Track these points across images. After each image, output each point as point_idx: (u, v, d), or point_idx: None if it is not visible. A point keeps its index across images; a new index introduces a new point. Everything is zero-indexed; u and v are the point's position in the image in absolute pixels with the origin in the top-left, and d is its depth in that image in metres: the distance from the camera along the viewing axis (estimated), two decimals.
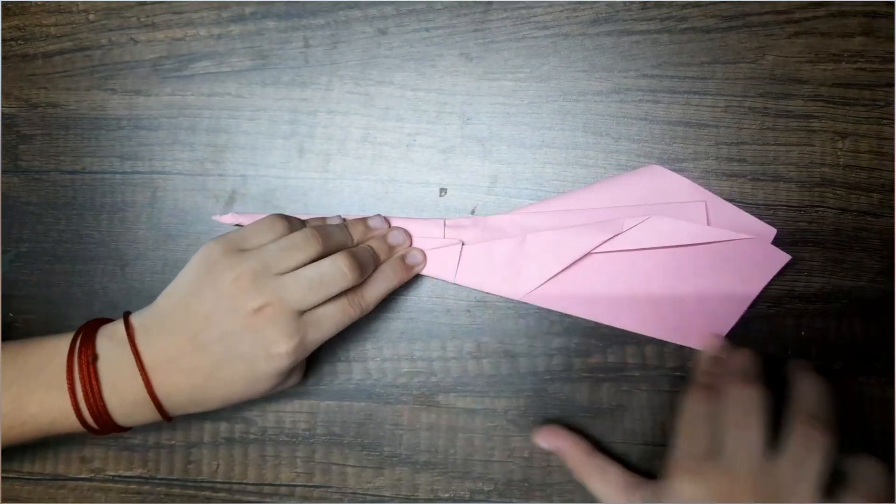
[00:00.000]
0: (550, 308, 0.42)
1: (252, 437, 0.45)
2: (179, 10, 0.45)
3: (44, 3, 0.46)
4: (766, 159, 0.43)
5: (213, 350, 0.36)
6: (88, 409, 0.37)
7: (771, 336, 0.43)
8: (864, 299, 0.42)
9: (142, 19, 0.46)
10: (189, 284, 0.37)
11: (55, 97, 0.46)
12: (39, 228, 0.46)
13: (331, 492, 0.44)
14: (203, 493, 0.45)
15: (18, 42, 0.46)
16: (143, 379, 0.36)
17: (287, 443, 0.45)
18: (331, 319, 0.38)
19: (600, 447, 0.43)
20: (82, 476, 0.46)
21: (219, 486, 0.45)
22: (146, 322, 0.38)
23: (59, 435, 0.38)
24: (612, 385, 0.43)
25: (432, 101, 0.44)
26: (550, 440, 0.41)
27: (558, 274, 0.42)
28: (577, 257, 0.41)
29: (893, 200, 0.42)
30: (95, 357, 0.37)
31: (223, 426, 0.45)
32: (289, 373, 0.38)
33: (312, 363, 0.45)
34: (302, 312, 0.37)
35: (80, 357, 0.37)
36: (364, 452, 0.44)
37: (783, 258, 0.41)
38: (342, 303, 0.38)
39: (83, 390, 0.36)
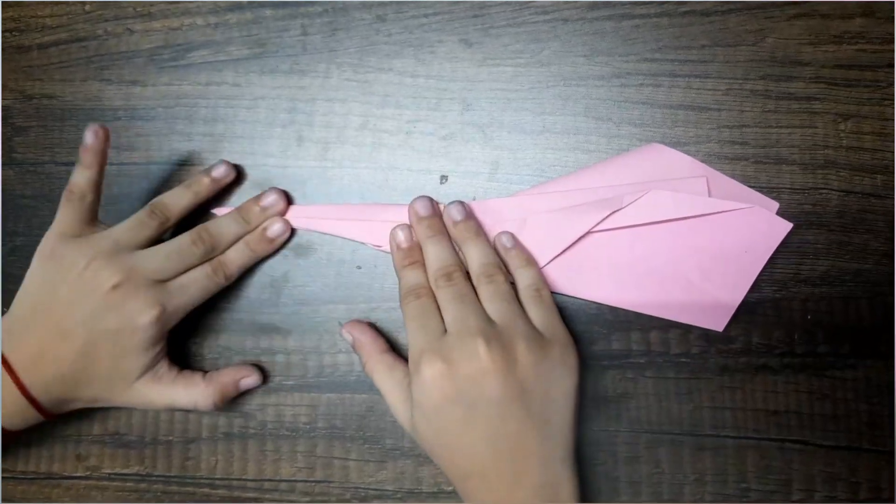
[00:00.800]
0: (553, 291, 0.42)
1: (251, 431, 0.44)
2: None
3: None
4: (769, 142, 0.42)
5: (77, 334, 0.37)
6: None
7: (777, 320, 0.42)
8: (869, 282, 0.42)
9: (138, 9, 0.45)
10: (40, 281, 0.39)
11: (51, 88, 0.46)
12: (35, 221, 0.45)
13: (332, 487, 0.43)
14: (201, 489, 0.44)
15: (14, 33, 0.46)
16: (12, 378, 0.37)
17: (287, 437, 0.44)
18: (195, 286, 0.40)
19: (601, 437, 0.42)
20: (78, 474, 0.45)
21: (217, 482, 0.44)
22: (7, 327, 0.39)
23: None
24: (616, 372, 0.43)
25: (432, 88, 0.44)
26: (352, 332, 0.42)
27: (560, 255, 0.41)
28: (578, 236, 0.41)
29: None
30: None
31: (222, 421, 0.44)
32: (154, 351, 0.39)
33: (311, 354, 0.44)
34: (163, 282, 0.39)
35: None
36: (366, 446, 0.43)
37: (785, 226, 0.41)
38: (205, 269, 0.40)
39: None
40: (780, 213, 0.42)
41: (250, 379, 0.42)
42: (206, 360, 0.44)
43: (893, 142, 0.42)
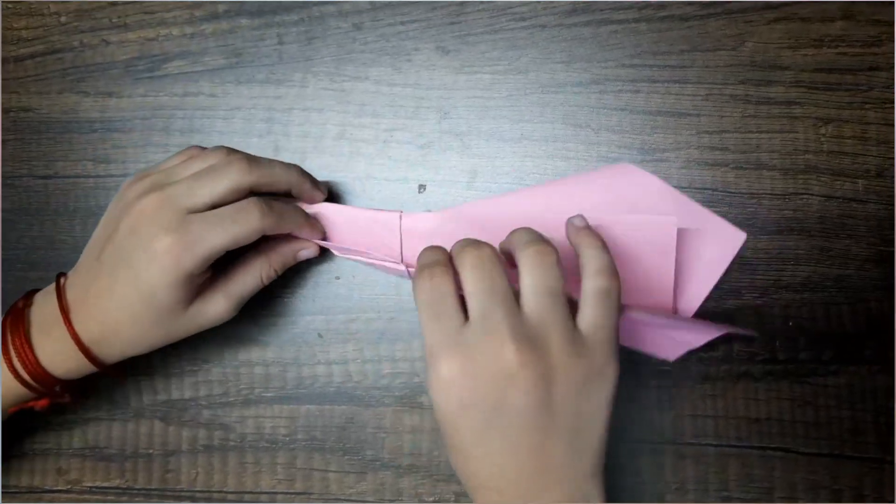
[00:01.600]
0: None
1: (231, 444, 0.44)
2: (151, 9, 0.45)
3: (14, 6, 0.45)
4: (749, 147, 0.42)
5: (109, 263, 0.35)
6: (17, 355, 0.36)
7: (758, 327, 0.42)
8: (851, 287, 0.42)
9: (114, 20, 0.45)
10: (102, 220, 0.38)
11: (27, 101, 0.45)
12: (12, 235, 0.45)
13: (313, 498, 0.43)
14: (182, 502, 0.44)
15: None
16: (60, 306, 0.36)
17: (267, 449, 0.44)
18: (224, 219, 0.35)
19: None
20: (59, 488, 0.44)
21: (198, 495, 0.44)
22: (73, 269, 0.38)
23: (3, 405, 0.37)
24: None
25: (409, 97, 0.44)
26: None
27: None
28: None
29: (878, 186, 0.41)
30: (28, 304, 0.37)
31: (202, 433, 0.44)
32: (192, 290, 0.36)
33: (291, 366, 0.44)
34: (191, 212, 0.35)
35: (13, 309, 0.37)
36: (346, 457, 0.43)
37: (739, 237, 0.39)
38: (240, 203, 0.36)
39: (11, 334, 0.36)
40: (762, 219, 0.42)
41: (308, 251, 0.40)
42: (184, 371, 0.44)
43: (876, 146, 0.42)
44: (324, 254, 0.43)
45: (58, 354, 0.36)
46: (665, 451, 0.42)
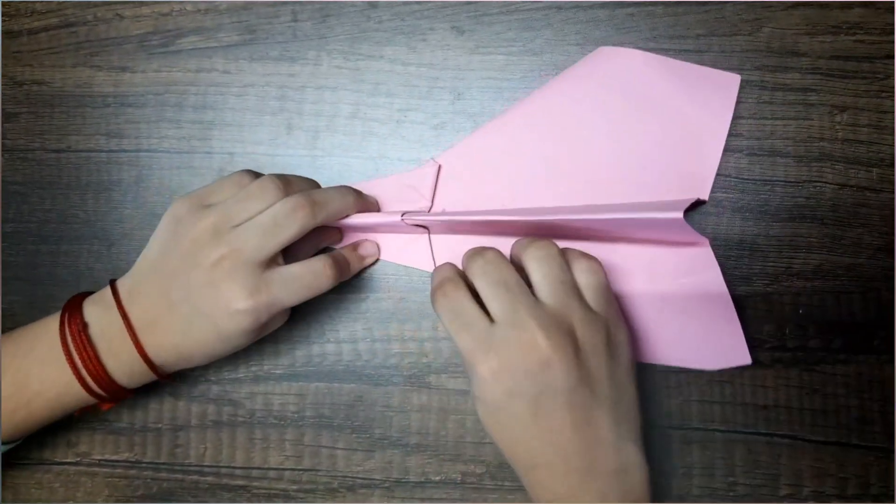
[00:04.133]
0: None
1: (240, 419, 0.44)
2: None
3: None
4: (763, 134, 0.42)
5: (182, 309, 0.36)
6: (90, 376, 0.37)
7: (768, 314, 0.42)
8: (862, 276, 0.41)
9: None
10: (160, 244, 0.38)
11: (40, 74, 0.45)
12: (24, 208, 0.45)
13: (320, 475, 0.43)
14: (190, 477, 0.44)
15: (3, 19, 0.45)
16: (132, 339, 0.37)
17: (275, 425, 0.44)
18: (299, 281, 0.37)
19: None
20: (68, 461, 0.45)
21: (206, 469, 0.44)
22: (129, 284, 0.38)
23: (69, 409, 0.38)
24: None
25: (423, 77, 0.43)
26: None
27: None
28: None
29: (893, 175, 0.41)
30: (85, 325, 0.37)
31: (211, 409, 0.44)
32: (263, 325, 0.37)
33: (301, 344, 0.44)
34: (265, 265, 0.36)
35: (70, 327, 0.37)
36: (354, 435, 0.44)
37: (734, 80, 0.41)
38: (314, 266, 0.37)
39: (80, 358, 0.36)
40: (775, 206, 0.42)
41: (371, 258, 0.43)
42: None
43: (892, 134, 0.41)
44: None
45: (131, 374, 0.38)
46: (672, 435, 0.42)
